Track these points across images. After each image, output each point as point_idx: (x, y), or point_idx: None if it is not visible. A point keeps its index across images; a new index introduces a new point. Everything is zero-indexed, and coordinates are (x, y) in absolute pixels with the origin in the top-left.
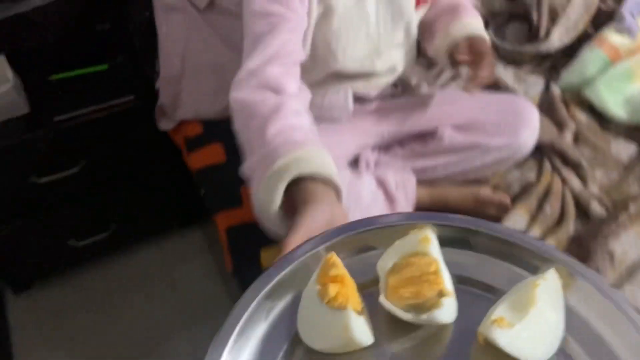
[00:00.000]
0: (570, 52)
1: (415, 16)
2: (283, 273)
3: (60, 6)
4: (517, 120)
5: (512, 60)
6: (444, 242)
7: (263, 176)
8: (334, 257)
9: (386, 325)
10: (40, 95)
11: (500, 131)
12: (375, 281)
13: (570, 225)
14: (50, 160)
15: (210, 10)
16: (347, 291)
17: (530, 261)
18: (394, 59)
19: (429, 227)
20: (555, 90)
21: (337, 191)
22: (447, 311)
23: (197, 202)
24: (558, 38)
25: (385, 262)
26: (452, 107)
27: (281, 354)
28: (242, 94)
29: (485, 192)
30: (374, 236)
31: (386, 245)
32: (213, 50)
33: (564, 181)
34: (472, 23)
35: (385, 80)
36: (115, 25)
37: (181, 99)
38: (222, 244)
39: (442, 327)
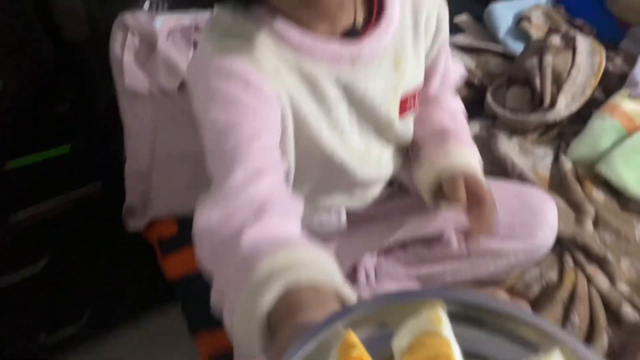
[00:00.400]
0: (578, 118)
1: (399, 123)
2: (305, 351)
3: (13, 90)
4: (533, 219)
5: (515, 128)
6: (455, 318)
7: (239, 291)
8: (353, 337)
9: None
10: None
11: (514, 234)
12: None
13: (604, 338)
14: (10, 259)
15: (181, 93)
16: None
17: (536, 340)
18: (383, 167)
19: (440, 305)
20: (567, 164)
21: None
22: None
23: None
24: (565, 105)
25: (400, 341)
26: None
27: None
28: (214, 214)
29: (502, 297)
30: (387, 313)
31: (399, 322)
32: (185, 139)
33: (588, 279)
34: (468, 156)
35: (377, 190)
36: (75, 105)
37: (152, 196)
38: None
39: None
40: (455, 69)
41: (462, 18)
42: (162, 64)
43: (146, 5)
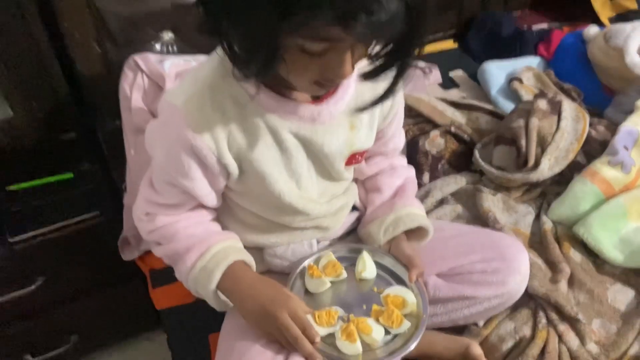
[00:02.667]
0: (560, 179)
1: (345, 172)
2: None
3: (21, 118)
4: (505, 267)
5: (500, 185)
6: None
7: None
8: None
9: None
10: None
11: (487, 281)
12: None
13: None
14: (4, 279)
15: None
16: None
17: None
18: (335, 204)
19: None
20: (547, 223)
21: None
22: None
23: None
24: (548, 167)
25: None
26: (433, 253)
27: None
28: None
29: (476, 351)
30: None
31: None
32: None
33: (560, 337)
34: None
35: (339, 221)
36: (81, 134)
37: None
38: None
39: None
40: (401, 135)
41: (457, 73)
42: None
43: (157, 47)
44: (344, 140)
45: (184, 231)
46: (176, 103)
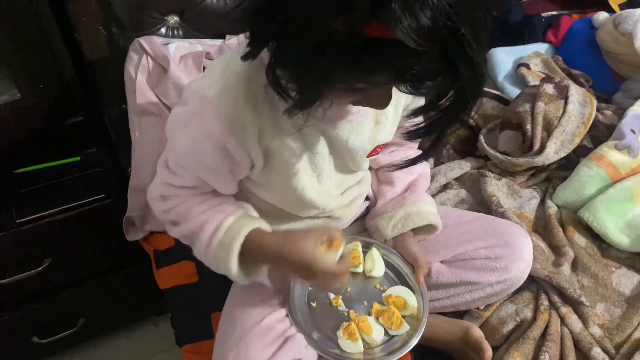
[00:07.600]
0: (566, 164)
1: (365, 164)
2: None
3: (28, 101)
4: (509, 253)
5: (505, 169)
6: None
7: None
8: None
9: None
10: (3, 191)
11: (491, 267)
12: None
13: None
14: (11, 260)
15: None
16: None
17: None
18: (349, 196)
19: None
20: (551, 207)
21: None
22: None
23: None
24: (554, 151)
25: None
26: (437, 241)
27: None
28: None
29: (477, 333)
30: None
31: None
32: None
33: (562, 319)
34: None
35: (352, 212)
36: (88, 118)
37: (151, 211)
38: None
39: None
40: None
41: None
42: (172, 87)
43: (162, 31)
44: (368, 137)
45: (197, 208)
46: (207, 94)
